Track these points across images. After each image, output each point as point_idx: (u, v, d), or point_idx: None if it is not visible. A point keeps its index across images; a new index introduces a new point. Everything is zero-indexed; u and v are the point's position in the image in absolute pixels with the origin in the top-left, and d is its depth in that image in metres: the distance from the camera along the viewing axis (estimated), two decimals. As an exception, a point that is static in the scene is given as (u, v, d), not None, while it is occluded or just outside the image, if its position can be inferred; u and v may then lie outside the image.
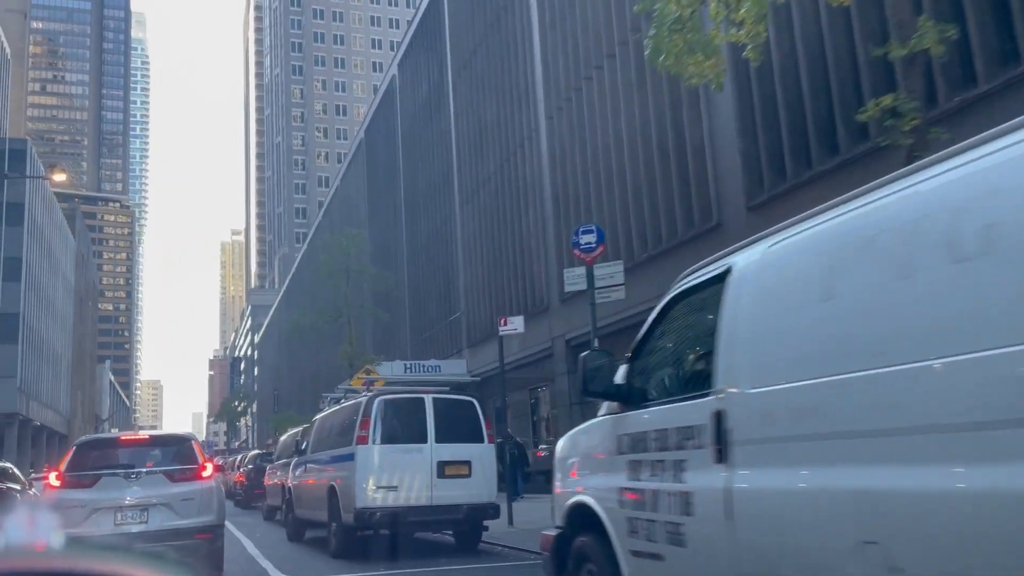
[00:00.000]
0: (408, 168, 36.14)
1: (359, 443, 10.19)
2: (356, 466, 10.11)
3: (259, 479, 25.58)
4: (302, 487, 12.75)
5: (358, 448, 10.18)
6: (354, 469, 10.12)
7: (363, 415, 10.35)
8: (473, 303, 27.40)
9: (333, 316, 26.03)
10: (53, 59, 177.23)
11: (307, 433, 13.28)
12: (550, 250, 21.43)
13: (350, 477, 10.20)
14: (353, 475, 10.11)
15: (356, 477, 10.05)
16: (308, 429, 13.29)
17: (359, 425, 10.30)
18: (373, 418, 10.26)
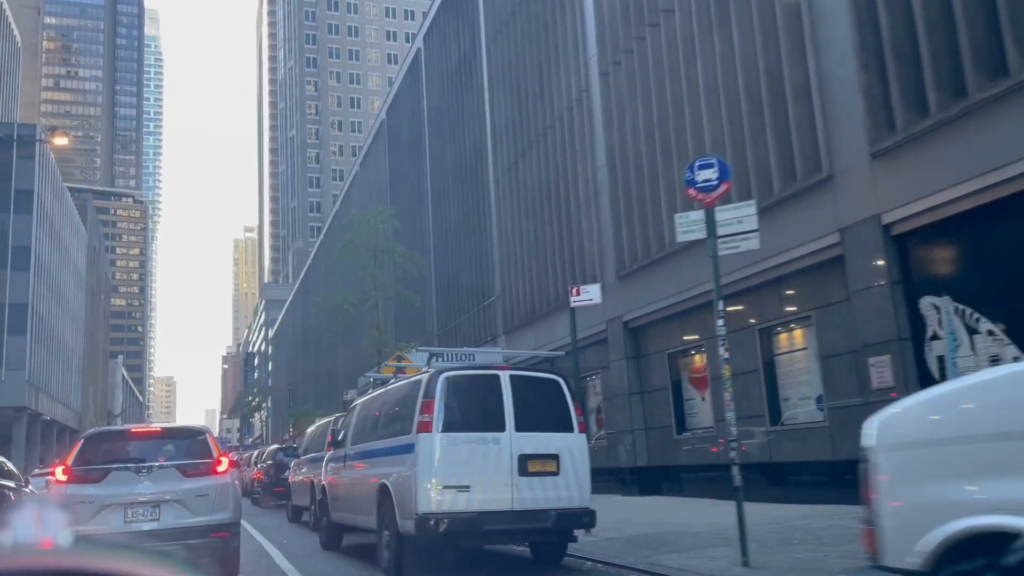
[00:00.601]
0: (435, 147, 33.99)
1: (421, 430, 8.04)
2: (417, 460, 7.96)
3: (279, 476, 23.50)
4: (341, 486, 10.64)
5: (419, 437, 8.04)
6: (414, 463, 7.98)
7: (425, 395, 8.20)
8: (510, 286, 25.24)
9: (361, 299, 23.91)
10: (67, 54, 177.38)
11: (346, 421, 11.17)
12: (604, 222, 19.22)
13: (409, 474, 8.07)
14: (413, 471, 7.98)
15: (417, 474, 7.91)
16: (347, 416, 11.18)
17: (420, 408, 8.15)
18: (438, 399, 8.13)
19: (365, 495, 9.34)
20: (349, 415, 11.15)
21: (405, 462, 8.25)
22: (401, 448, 8.42)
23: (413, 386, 8.70)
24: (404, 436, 8.42)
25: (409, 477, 8.07)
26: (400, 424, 8.76)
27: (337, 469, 10.93)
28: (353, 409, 11.09)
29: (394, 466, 8.54)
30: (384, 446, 9.00)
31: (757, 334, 14.44)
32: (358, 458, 9.97)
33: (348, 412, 11.30)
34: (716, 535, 10.13)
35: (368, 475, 9.36)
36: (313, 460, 14.60)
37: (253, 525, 16.70)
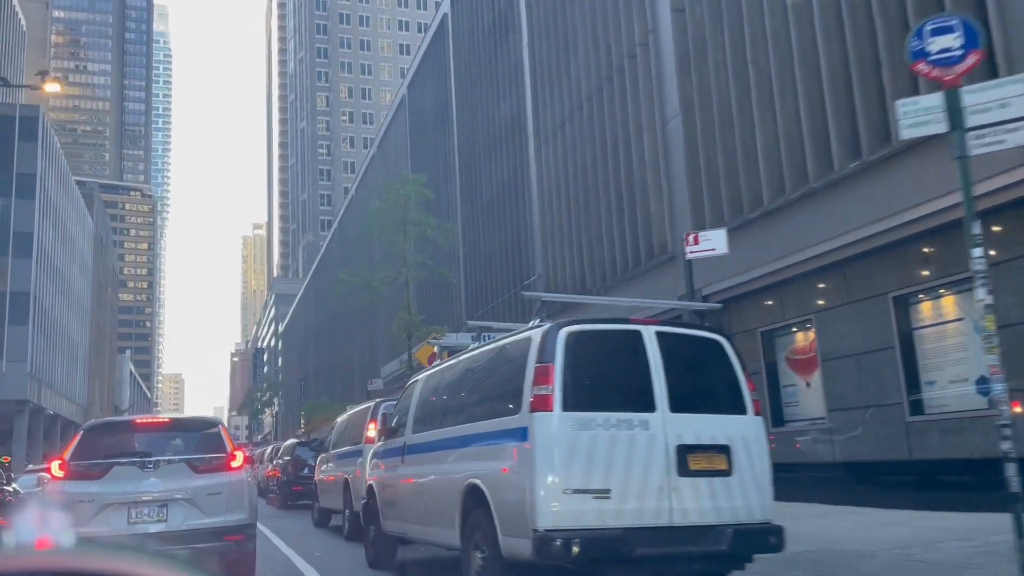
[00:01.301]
0: (464, 120, 31.43)
1: (536, 408, 5.48)
2: (531, 451, 5.42)
3: (297, 473, 21.24)
4: (399, 487, 8.08)
5: (534, 419, 5.47)
6: (527, 457, 5.44)
7: (540, 357, 5.64)
8: (555, 263, 22.65)
9: (390, 276, 21.34)
10: (75, 49, 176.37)
11: (403, 403, 8.64)
12: (676, 181, 16.63)
13: (517, 471, 5.52)
14: (525, 467, 5.43)
15: (533, 471, 5.36)
16: (404, 396, 8.64)
17: (534, 377, 5.58)
18: (559, 364, 5.58)
19: (440, 500, 6.79)
20: (407, 395, 8.61)
21: (510, 454, 5.69)
22: (502, 434, 5.86)
23: (518, 347, 6.12)
24: (506, 418, 5.85)
25: (518, 476, 5.51)
26: (497, 401, 6.19)
27: (392, 465, 8.37)
28: (412, 387, 8.53)
29: (490, 460, 5.97)
30: (471, 432, 6.41)
31: (891, 303, 11.82)
32: (427, 450, 7.40)
33: (405, 391, 8.77)
34: (904, 558, 7.54)
35: (445, 472, 6.79)
36: (346, 455, 12.08)
37: (272, 529, 14.21)
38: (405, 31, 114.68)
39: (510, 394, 5.94)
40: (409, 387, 8.72)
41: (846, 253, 12.22)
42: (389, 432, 8.80)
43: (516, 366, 5.99)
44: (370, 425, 11.04)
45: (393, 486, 8.30)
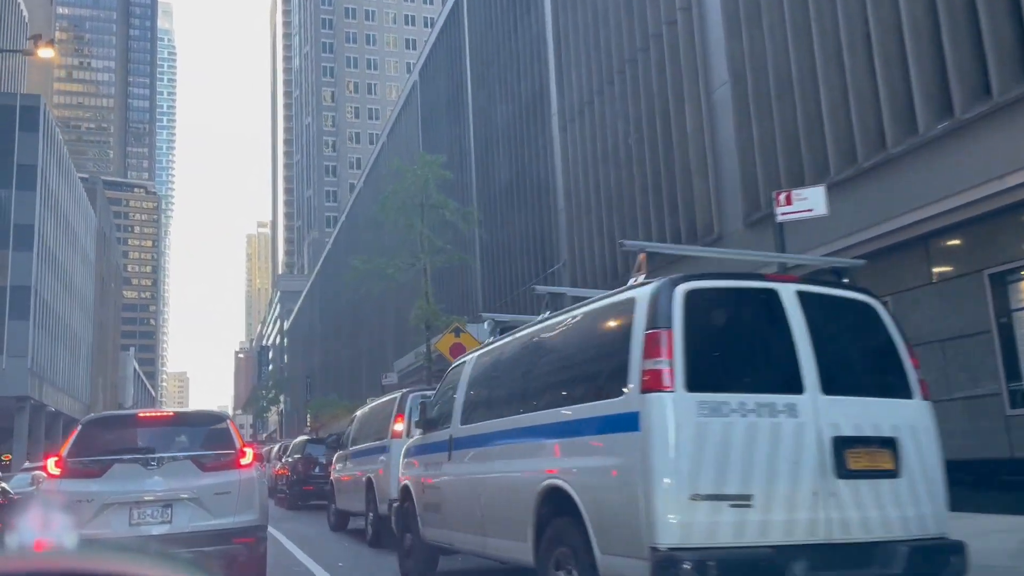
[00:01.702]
0: (480, 102, 30.08)
1: (648, 387, 4.14)
2: (646, 445, 4.07)
3: (308, 472, 20.04)
4: (443, 489, 6.75)
5: (647, 401, 4.11)
6: (636, 453, 4.09)
7: (649, 323, 4.30)
8: (581, 250, 21.30)
9: (407, 262, 19.97)
10: (79, 45, 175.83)
11: (444, 391, 7.32)
12: (724, 154, 15.27)
13: (625, 472, 4.17)
14: (635, 467, 4.08)
15: (647, 471, 4.00)
16: (446, 383, 7.30)
17: (644, 347, 4.23)
18: (677, 330, 4.25)
19: (504, 505, 5.46)
20: (451, 380, 7.28)
21: (611, 448, 4.36)
22: (598, 423, 4.51)
23: (615, 311, 4.77)
24: (604, 401, 4.51)
25: (625, 476, 4.18)
26: (588, 382, 4.84)
27: (435, 462, 7.03)
28: (459, 370, 7.17)
29: (579, 455, 4.64)
30: (550, 421, 5.05)
31: (987, 281, 10.45)
32: (483, 443, 6.05)
33: (448, 376, 7.43)
34: None
35: (512, 471, 5.44)
36: (368, 452, 10.74)
37: (284, 533, 12.92)
38: (411, 25, 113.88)
39: (607, 372, 4.60)
40: (453, 371, 7.37)
41: (931, 226, 10.87)
42: (428, 424, 7.46)
43: (615, 336, 4.64)
44: (397, 418, 9.71)
45: (436, 487, 6.96)
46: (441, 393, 7.60)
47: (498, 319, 7.16)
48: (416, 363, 24.46)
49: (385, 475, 9.64)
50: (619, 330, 4.63)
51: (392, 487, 9.43)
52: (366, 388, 47.30)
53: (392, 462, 9.52)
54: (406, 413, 9.63)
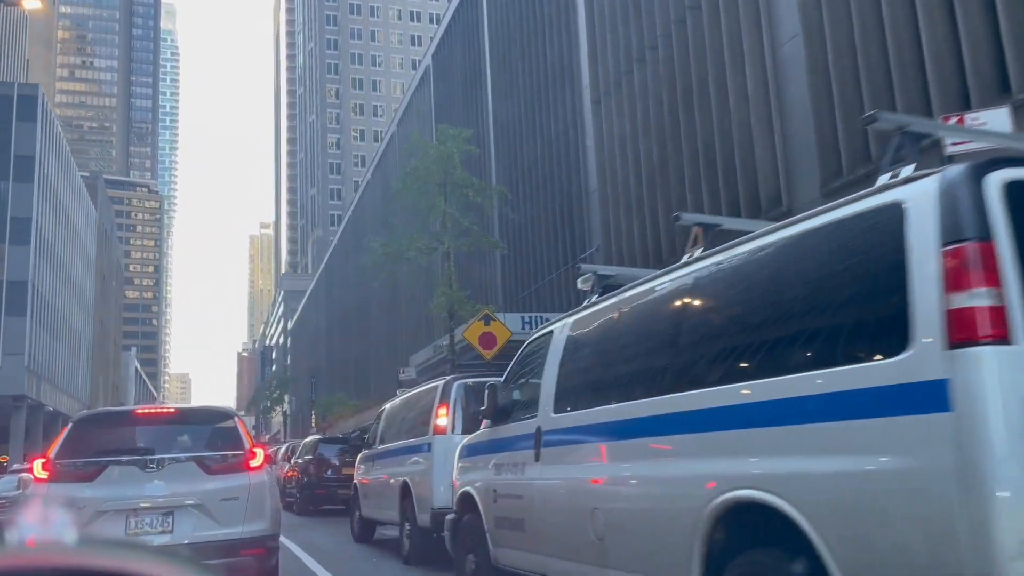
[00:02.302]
0: (500, 79, 28.39)
1: (962, 338, 2.43)
2: (963, 437, 2.37)
3: (320, 474, 18.47)
4: (529, 499, 5.02)
5: (961, 360, 2.40)
6: (944, 445, 2.39)
7: (948, 232, 2.58)
8: (618, 233, 19.58)
9: (429, 245, 18.24)
10: (81, 44, 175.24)
11: (523, 370, 5.61)
12: (794, 120, 13.53)
13: (922, 481, 2.41)
14: (942, 472, 2.35)
15: (974, 478, 2.29)
16: (528, 359, 5.55)
17: (946, 274, 2.56)
18: (1001, 240, 2.55)
19: (647, 527, 3.76)
20: (529, 359, 5.55)
21: (877, 440, 2.65)
22: (842, 403, 2.80)
23: (862, 224, 3.03)
24: (856, 367, 2.80)
25: (919, 486, 2.47)
26: (813, 341, 3.07)
27: (513, 464, 5.30)
28: (541, 344, 5.43)
29: (800, 454, 2.92)
30: (738, 401, 3.32)
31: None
32: (593, 437, 4.31)
33: (528, 352, 5.70)
34: None
35: (656, 478, 3.72)
36: (403, 452, 9.02)
37: (299, 544, 11.24)
38: (416, 22, 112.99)
39: (859, 321, 2.89)
40: (534, 345, 5.64)
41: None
42: (499, 414, 5.73)
43: (867, 263, 2.94)
44: (440, 410, 8.00)
45: (517, 497, 5.23)
46: (516, 374, 5.88)
47: (602, 272, 5.42)
48: (435, 356, 22.73)
49: (426, 478, 7.94)
50: (876, 253, 2.92)
51: (436, 493, 7.74)
52: (374, 386, 45.60)
53: (435, 463, 7.83)
54: (451, 403, 7.93)
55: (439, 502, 7.63)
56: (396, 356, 40.90)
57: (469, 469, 6.31)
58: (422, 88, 39.34)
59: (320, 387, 59.13)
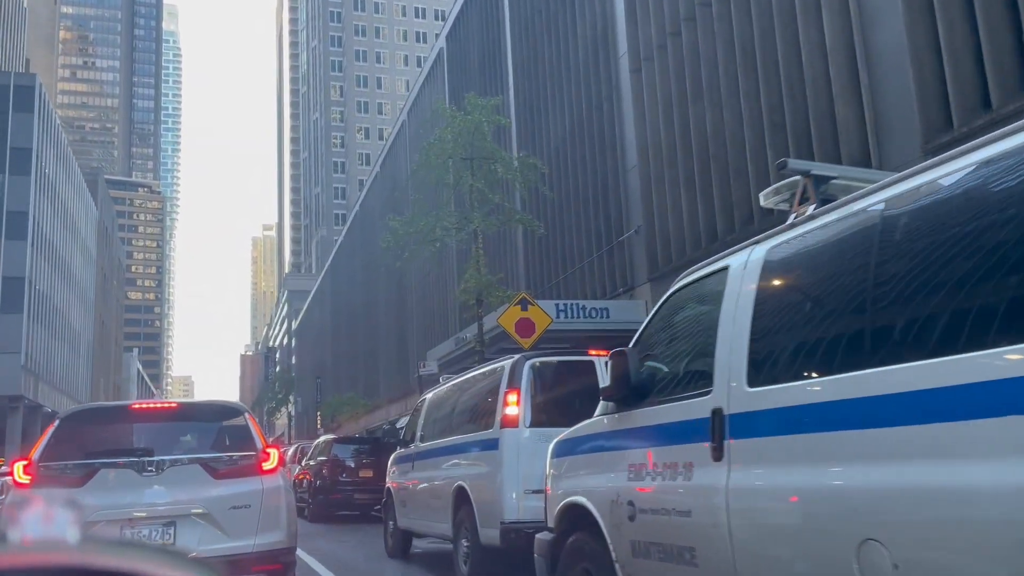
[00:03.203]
0: (522, 53, 26.66)
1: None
2: None
3: (335, 477, 17.11)
4: (705, 518, 3.26)
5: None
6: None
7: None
8: (662, 211, 17.83)
9: (455, 225, 16.49)
10: (83, 45, 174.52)
11: (673, 325, 3.86)
12: (887, 71, 11.77)
13: None
14: None
15: None
16: (682, 303, 3.78)
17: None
18: None
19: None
20: (680, 315, 3.80)
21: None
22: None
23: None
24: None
25: None
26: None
27: (671, 464, 3.51)
28: (705, 288, 3.69)
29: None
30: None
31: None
32: (853, 419, 2.60)
33: (671, 308, 3.93)
34: None
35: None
36: (452, 450, 7.25)
37: (319, 558, 9.61)
38: (421, 18, 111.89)
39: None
40: (694, 291, 3.85)
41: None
42: (631, 394, 3.96)
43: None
44: (508, 396, 6.23)
45: (683, 512, 3.46)
46: (658, 337, 4.12)
47: (818, 172, 3.64)
48: (459, 349, 21.00)
49: (492, 483, 6.19)
50: None
51: (506, 502, 5.98)
52: (384, 385, 43.91)
53: (506, 463, 6.07)
54: (523, 388, 6.17)
55: (511, 514, 5.89)
56: (406, 354, 39.22)
57: (575, 472, 4.56)
58: (435, 72, 37.65)
59: (326, 387, 57.52)
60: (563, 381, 6.40)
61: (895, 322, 2.73)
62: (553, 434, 6.07)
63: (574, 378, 6.34)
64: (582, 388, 6.13)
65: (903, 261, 2.78)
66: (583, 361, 6.31)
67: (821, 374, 2.94)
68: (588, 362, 6.23)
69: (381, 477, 17.18)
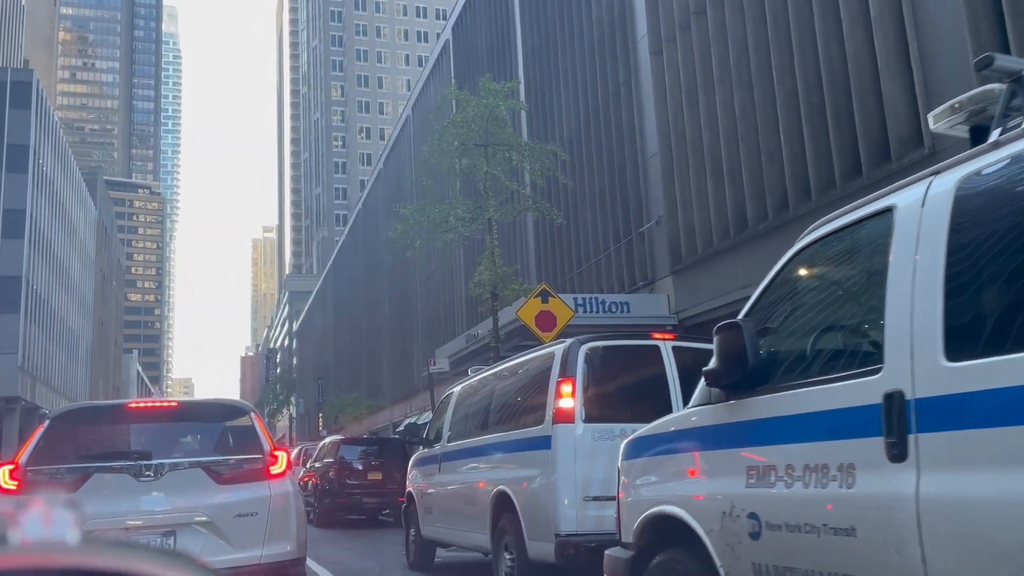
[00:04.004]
0: (533, 41, 25.84)
1: None
2: None
3: (343, 479, 16.31)
4: (903, 526, 2.40)
5: None
6: None
7: None
8: (685, 201, 17.00)
9: (471, 213, 15.64)
10: (83, 46, 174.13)
11: (822, 272, 3.00)
12: (939, 39, 10.94)
13: None
14: None
15: None
16: (844, 240, 2.89)
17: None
18: None
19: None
20: (812, 278, 2.97)
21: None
22: None
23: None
24: None
25: None
26: None
27: (814, 465, 2.64)
28: (853, 237, 2.84)
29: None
30: None
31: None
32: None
33: (798, 270, 3.07)
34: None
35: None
36: (490, 449, 6.36)
37: (331, 569, 8.81)
38: (423, 17, 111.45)
39: None
40: (833, 243, 2.95)
41: None
42: (749, 377, 3.09)
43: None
44: (562, 387, 5.38)
45: (838, 529, 2.63)
46: (783, 307, 3.27)
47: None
48: (470, 346, 20.16)
49: (542, 489, 5.33)
50: None
51: (560, 511, 5.13)
52: (388, 386, 43.09)
53: (560, 465, 5.21)
54: (579, 376, 5.32)
55: (567, 525, 5.04)
56: (410, 354, 38.41)
57: (663, 476, 3.71)
58: (440, 65, 36.84)
59: (328, 388, 56.74)
60: (623, 369, 5.54)
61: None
62: (612, 431, 5.24)
63: (636, 366, 5.50)
64: (645, 378, 5.30)
65: None
66: (647, 346, 5.46)
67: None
68: (652, 347, 5.38)
69: (390, 480, 16.44)
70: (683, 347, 5.43)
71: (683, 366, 5.26)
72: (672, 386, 5.23)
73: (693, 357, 5.20)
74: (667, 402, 5.15)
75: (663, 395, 5.19)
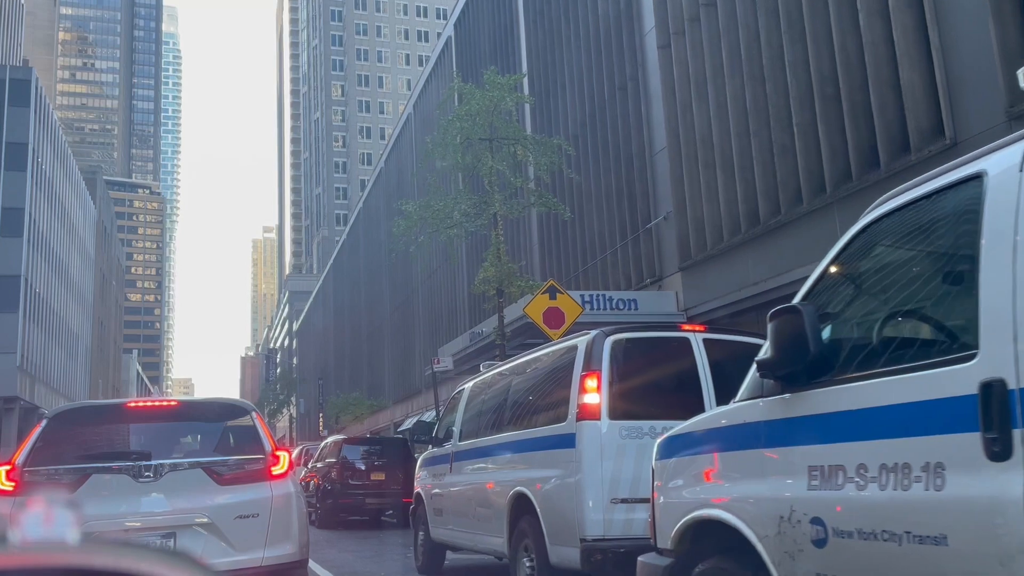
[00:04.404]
0: (537, 38, 25.55)
1: None
2: None
3: (345, 480, 16.00)
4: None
5: None
6: None
7: None
8: (694, 197, 16.69)
9: (476, 208, 15.34)
10: (83, 46, 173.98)
11: (898, 242, 2.68)
12: (964, 27, 10.64)
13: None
14: None
15: None
16: (927, 207, 2.56)
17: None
18: None
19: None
20: (886, 250, 2.68)
21: None
22: None
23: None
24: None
25: None
26: None
27: (903, 464, 2.37)
28: (938, 203, 2.54)
29: None
30: None
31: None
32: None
33: (870, 242, 2.76)
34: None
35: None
36: (507, 448, 6.02)
37: (334, 572, 8.48)
38: (423, 17, 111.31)
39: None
40: (914, 212, 2.66)
41: None
42: (810, 367, 2.78)
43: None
44: (586, 382, 5.06)
45: (939, 537, 2.34)
46: (848, 288, 2.95)
47: None
48: (474, 344, 19.85)
49: (566, 489, 5.02)
50: None
51: (586, 514, 4.82)
52: (389, 386, 42.80)
53: (585, 463, 4.90)
54: (604, 370, 5.01)
55: (593, 529, 4.73)
56: (411, 353, 38.12)
57: (706, 476, 3.42)
58: (442, 62, 36.55)
59: (329, 388, 56.47)
60: (651, 363, 5.22)
61: None
62: (641, 428, 4.93)
63: (665, 359, 5.19)
64: (675, 372, 5.00)
65: None
66: (676, 338, 5.16)
67: None
68: (682, 339, 5.08)
69: (393, 480, 16.15)
70: (715, 339, 5.13)
71: (715, 360, 4.96)
72: (704, 381, 4.92)
73: (726, 350, 4.91)
74: (698, 398, 4.84)
75: (694, 390, 4.88)
